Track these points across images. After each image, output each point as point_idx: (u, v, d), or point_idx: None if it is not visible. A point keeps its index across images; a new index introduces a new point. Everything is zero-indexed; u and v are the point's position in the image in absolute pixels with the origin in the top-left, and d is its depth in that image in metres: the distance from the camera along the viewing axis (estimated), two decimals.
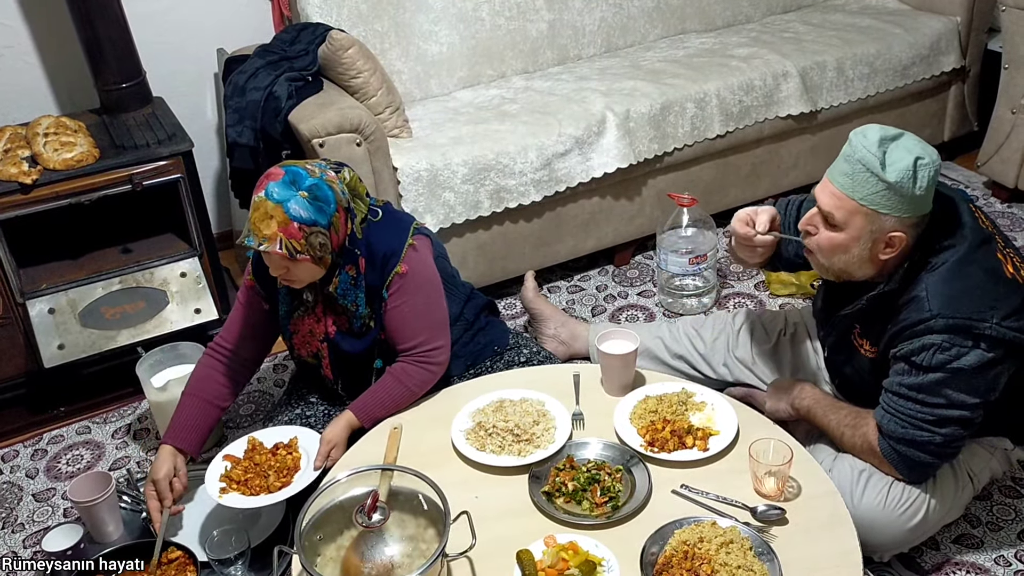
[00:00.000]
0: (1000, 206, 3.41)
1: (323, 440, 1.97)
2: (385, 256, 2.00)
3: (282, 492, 1.91)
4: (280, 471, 1.94)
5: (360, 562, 1.60)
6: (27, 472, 2.51)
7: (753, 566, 1.57)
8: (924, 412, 1.77)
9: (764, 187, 3.36)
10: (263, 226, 1.84)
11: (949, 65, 3.46)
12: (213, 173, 3.37)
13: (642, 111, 2.97)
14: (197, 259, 2.76)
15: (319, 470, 1.93)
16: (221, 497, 1.90)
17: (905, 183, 1.69)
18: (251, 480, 1.93)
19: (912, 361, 1.76)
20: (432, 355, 2.05)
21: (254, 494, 1.91)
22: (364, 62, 2.75)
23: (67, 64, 2.96)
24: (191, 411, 2.08)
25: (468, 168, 2.76)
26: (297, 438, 2.03)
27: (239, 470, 1.95)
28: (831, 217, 1.78)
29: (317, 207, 1.87)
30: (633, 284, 3.14)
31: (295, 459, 1.98)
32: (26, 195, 2.47)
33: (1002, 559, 2.02)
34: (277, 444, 2.02)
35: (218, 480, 1.94)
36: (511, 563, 1.62)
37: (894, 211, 1.72)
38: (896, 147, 1.73)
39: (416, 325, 2.03)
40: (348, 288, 2.01)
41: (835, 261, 1.83)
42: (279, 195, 1.84)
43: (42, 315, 2.57)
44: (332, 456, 1.95)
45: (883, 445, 1.83)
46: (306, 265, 1.90)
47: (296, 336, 2.13)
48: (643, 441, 1.87)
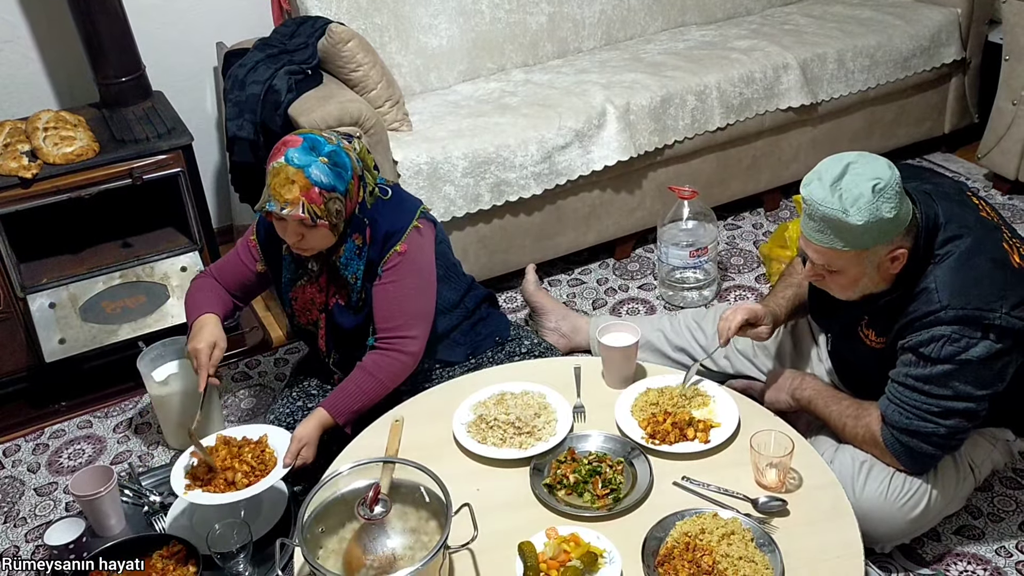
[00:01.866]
0: (1001, 198, 3.40)
1: (294, 438, 1.93)
2: (387, 233, 2.01)
3: (248, 489, 1.86)
4: (248, 468, 1.90)
5: (362, 554, 1.60)
6: (29, 467, 2.51)
7: (755, 557, 1.57)
8: (930, 403, 1.77)
9: (765, 180, 3.36)
10: (284, 191, 1.84)
11: (950, 57, 3.46)
12: (213, 167, 3.37)
13: (642, 104, 2.97)
14: (197, 253, 2.76)
15: (288, 467, 1.90)
16: (186, 494, 1.86)
17: (874, 217, 1.66)
18: (215, 477, 1.88)
19: (920, 352, 1.75)
20: (403, 343, 2.02)
21: (219, 491, 1.86)
22: (364, 55, 2.74)
23: (66, 58, 2.95)
24: (208, 294, 2.15)
25: (468, 161, 2.76)
26: (267, 435, 1.98)
27: (203, 467, 1.90)
28: (828, 267, 1.78)
29: (336, 173, 1.88)
30: (634, 277, 3.14)
31: (264, 456, 1.93)
32: (26, 189, 2.47)
33: (1003, 550, 2.03)
34: (244, 439, 1.97)
35: (183, 477, 1.90)
36: (513, 555, 1.62)
37: (881, 240, 1.71)
38: (847, 184, 1.67)
39: (396, 308, 2.02)
40: (352, 257, 2.01)
41: (853, 293, 1.83)
42: (300, 160, 1.85)
43: (43, 310, 2.57)
44: (303, 454, 1.92)
45: (886, 435, 1.83)
46: (322, 231, 1.91)
47: (296, 303, 2.14)
48: (644, 433, 1.88)
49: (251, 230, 2.16)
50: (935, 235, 1.77)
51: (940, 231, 1.77)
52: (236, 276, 2.19)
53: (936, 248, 1.77)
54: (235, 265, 2.18)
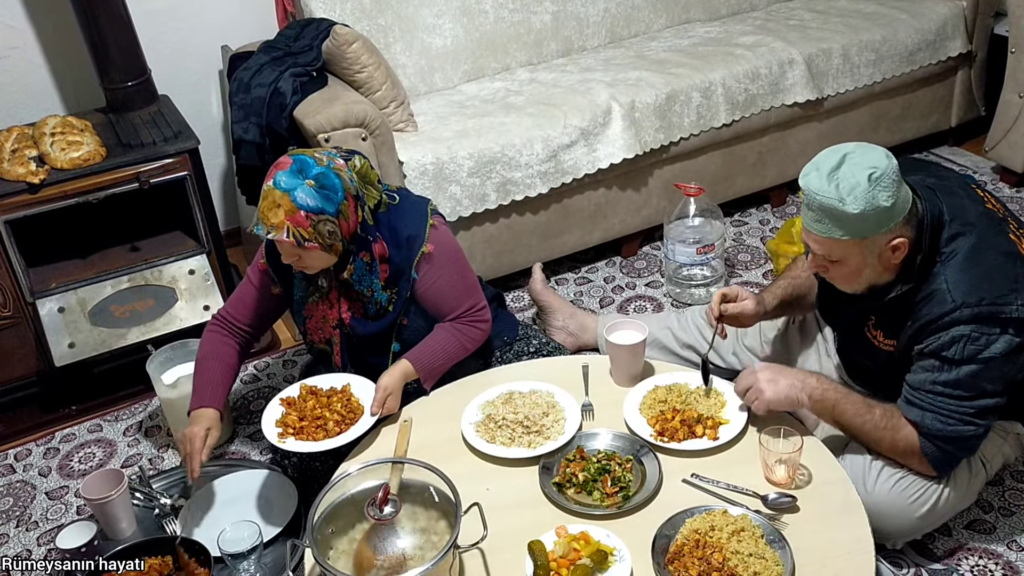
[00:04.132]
0: (1009, 191, 3.39)
1: (378, 387, 1.98)
2: (410, 238, 2.03)
3: (342, 436, 1.91)
4: (339, 417, 1.94)
5: (372, 555, 1.60)
6: (40, 471, 2.52)
7: (765, 554, 1.57)
8: (964, 406, 1.74)
9: (771, 176, 3.35)
10: (271, 215, 1.86)
11: (955, 50, 3.44)
12: (219, 170, 3.38)
13: (647, 101, 2.97)
14: (205, 256, 2.76)
15: (376, 416, 1.95)
16: (281, 442, 1.91)
17: (870, 205, 1.65)
18: (307, 426, 1.93)
19: (943, 356, 1.73)
20: (480, 314, 2.12)
21: (313, 439, 1.91)
22: (368, 56, 2.74)
23: (72, 64, 2.96)
24: (213, 373, 2.12)
25: (474, 161, 2.76)
26: (350, 384, 2.04)
27: (295, 416, 1.95)
28: (829, 257, 1.77)
29: (324, 195, 1.88)
30: (641, 275, 3.14)
31: (351, 405, 1.98)
32: (34, 195, 2.48)
33: (1015, 544, 2.02)
34: (332, 389, 2.02)
35: (275, 425, 1.95)
36: (523, 554, 1.62)
37: (880, 228, 1.70)
38: (844, 173, 1.67)
39: (456, 294, 2.09)
40: (364, 274, 2.02)
41: (857, 284, 1.82)
42: (286, 184, 1.86)
43: (52, 314, 2.58)
44: (388, 404, 1.97)
45: (926, 446, 1.78)
46: (316, 253, 1.92)
47: (310, 321, 2.14)
48: (653, 431, 1.87)
49: (259, 254, 2.15)
50: (940, 231, 1.76)
51: (945, 228, 1.76)
52: (252, 308, 2.18)
53: (942, 245, 1.76)
54: (249, 297, 2.18)
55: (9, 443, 2.62)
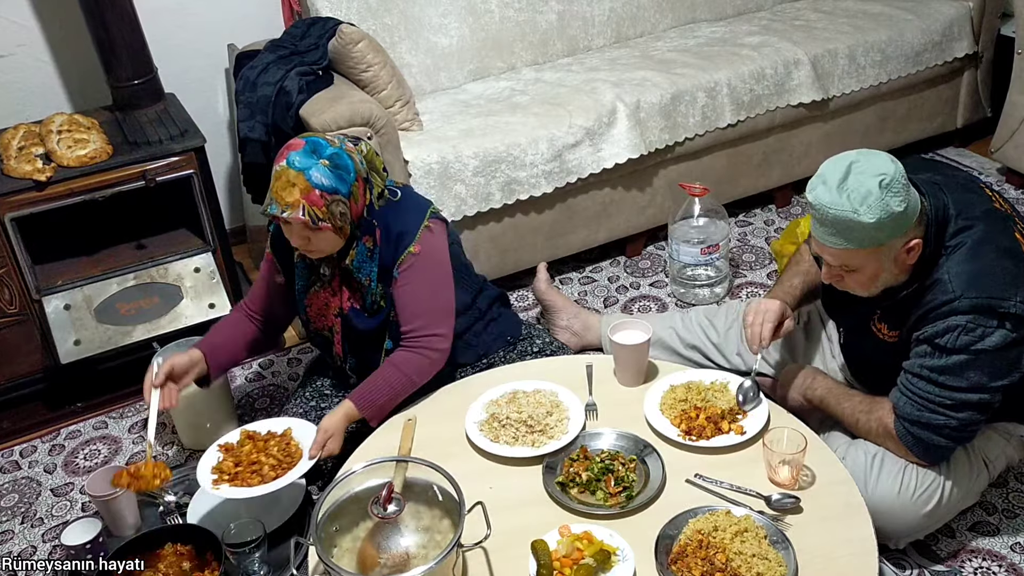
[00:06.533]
0: (1015, 192, 3.38)
1: (320, 429, 1.93)
2: (400, 235, 2.01)
3: (277, 482, 1.86)
4: (275, 461, 1.90)
5: (376, 553, 1.61)
6: (45, 467, 2.53)
7: (768, 554, 1.57)
8: (943, 395, 1.76)
9: (776, 176, 3.35)
10: (285, 194, 1.86)
11: (962, 51, 3.43)
12: (225, 168, 3.38)
13: (652, 101, 2.97)
14: (211, 254, 2.77)
15: (314, 459, 1.90)
16: (216, 488, 1.86)
17: (885, 212, 1.65)
18: (242, 472, 1.88)
19: (936, 343, 1.74)
20: (431, 341, 2.02)
21: (247, 485, 1.86)
22: (374, 56, 2.75)
23: (79, 62, 2.97)
24: (218, 331, 2.17)
25: (479, 160, 2.76)
26: (291, 428, 1.99)
27: (230, 461, 1.91)
28: (845, 267, 1.78)
29: (338, 175, 1.89)
30: (645, 275, 3.14)
31: (290, 449, 1.93)
32: (41, 192, 2.49)
33: (1018, 546, 2.02)
34: (270, 433, 1.98)
35: (210, 472, 1.91)
36: (526, 553, 1.62)
37: (895, 233, 1.70)
38: (853, 183, 1.67)
39: (418, 307, 2.02)
40: (364, 260, 2.02)
41: (874, 288, 1.82)
42: (301, 163, 1.86)
43: (58, 311, 2.59)
44: (328, 446, 1.92)
45: (898, 427, 1.82)
46: (327, 234, 1.92)
47: (311, 310, 2.15)
48: (679, 431, 1.87)
49: (268, 243, 2.17)
50: (945, 226, 1.77)
51: (951, 222, 1.77)
52: (266, 298, 2.20)
53: (947, 240, 1.76)
54: (263, 287, 2.20)
55: (15, 439, 2.63)
